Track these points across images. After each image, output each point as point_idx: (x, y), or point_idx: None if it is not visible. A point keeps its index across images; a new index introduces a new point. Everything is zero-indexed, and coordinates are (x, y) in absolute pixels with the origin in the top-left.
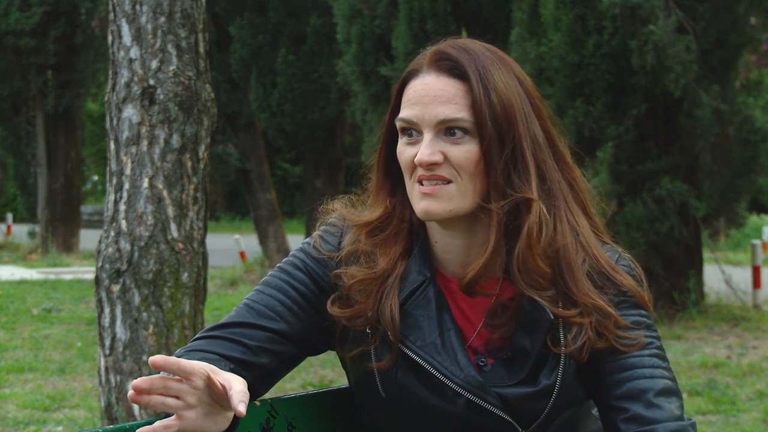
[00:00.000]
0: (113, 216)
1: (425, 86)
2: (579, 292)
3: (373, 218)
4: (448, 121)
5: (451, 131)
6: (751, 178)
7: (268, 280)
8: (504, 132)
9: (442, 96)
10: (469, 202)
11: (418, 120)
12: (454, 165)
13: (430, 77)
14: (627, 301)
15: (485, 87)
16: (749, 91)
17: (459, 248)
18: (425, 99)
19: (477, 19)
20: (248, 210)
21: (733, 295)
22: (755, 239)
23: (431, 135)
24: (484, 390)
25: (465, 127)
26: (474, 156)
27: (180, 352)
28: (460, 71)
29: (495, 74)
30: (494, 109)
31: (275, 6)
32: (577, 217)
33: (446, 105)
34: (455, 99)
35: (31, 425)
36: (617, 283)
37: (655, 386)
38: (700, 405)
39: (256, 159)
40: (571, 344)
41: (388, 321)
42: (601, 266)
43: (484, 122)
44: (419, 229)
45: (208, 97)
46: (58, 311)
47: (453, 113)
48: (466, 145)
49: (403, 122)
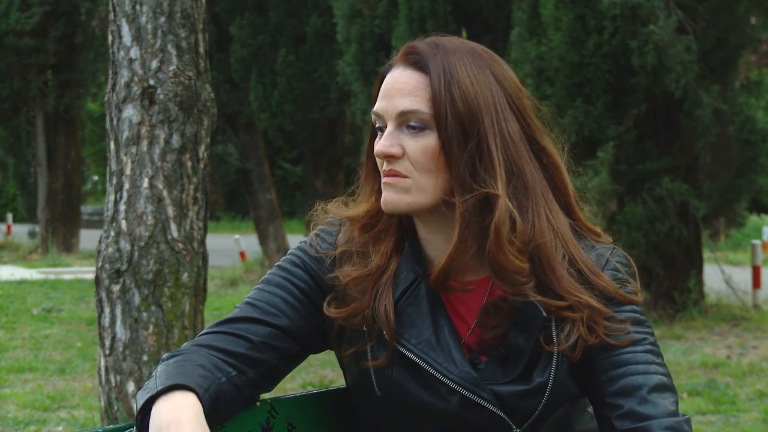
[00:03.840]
0: (113, 216)
1: (392, 79)
2: (562, 288)
3: (361, 213)
4: (407, 112)
5: (410, 125)
6: (751, 178)
7: (268, 278)
8: (467, 126)
9: (403, 88)
10: (430, 196)
11: (383, 112)
12: (411, 160)
13: (397, 71)
14: (611, 300)
15: (447, 81)
16: (749, 91)
17: (440, 244)
18: (390, 92)
19: (477, 19)
20: (248, 210)
21: (733, 295)
22: (755, 239)
23: (393, 127)
24: (478, 386)
25: (423, 119)
26: (431, 150)
27: (186, 346)
28: (422, 64)
29: (461, 68)
30: (455, 103)
31: (275, 6)
32: (555, 214)
33: (406, 97)
34: (415, 91)
35: (31, 425)
36: (594, 285)
37: (649, 382)
38: (700, 405)
39: (256, 159)
40: (563, 342)
41: (383, 320)
42: (578, 265)
43: (443, 115)
44: (408, 225)
45: (208, 97)
46: (58, 311)
47: (411, 105)
48: (425, 138)
49: (373, 115)
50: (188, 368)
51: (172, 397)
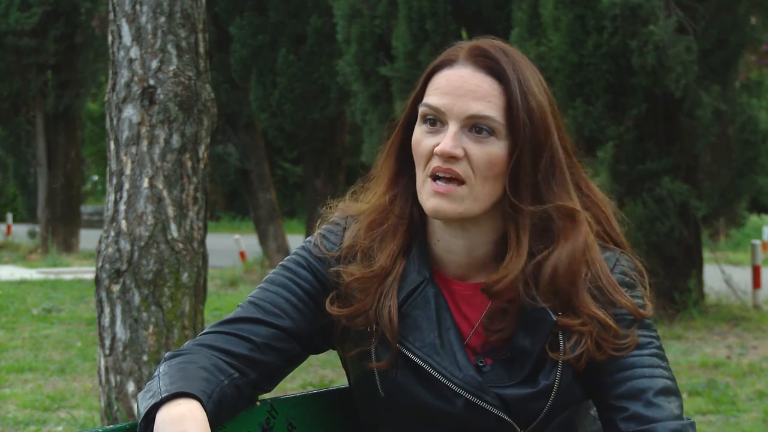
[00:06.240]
0: (113, 216)
1: (460, 78)
2: (581, 304)
3: (369, 211)
4: (479, 117)
5: (477, 129)
6: (751, 178)
7: (271, 277)
8: (541, 138)
9: (476, 91)
10: (480, 205)
11: (446, 110)
12: (472, 164)
13: (466, 70)
14: (625, 320)
15: (523, 91)
16: (750, 91)
17: (461, 248)
18: (458, 90)
19: (477, 19)
20: (248, 210)
21: (733, 295)
22: (755, 239)
23: (457, 128)
24: (483, 390)
25: (493, 127)
26: (495, 158)
27: (188, 345)
28: (498, 71)
29: (531, 80)
30: (532, 113)
31: (275, 6)
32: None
33: (479, 101)
34: (489, 97)
35: (31, 425)
36: (614, 301)
37: (654, 386)
38: (700, 405)
39: (256, 159)
40: (569, 352)
41: (386, 322)
42: (600, 282)
43: (519, 126)
44: (419, 226)
45: (208, 97)
46: (58, 311)
47: (485, 110)
48: (490, 146)
49: (429, 109)
50: (191, 372)
51: (176, 406)
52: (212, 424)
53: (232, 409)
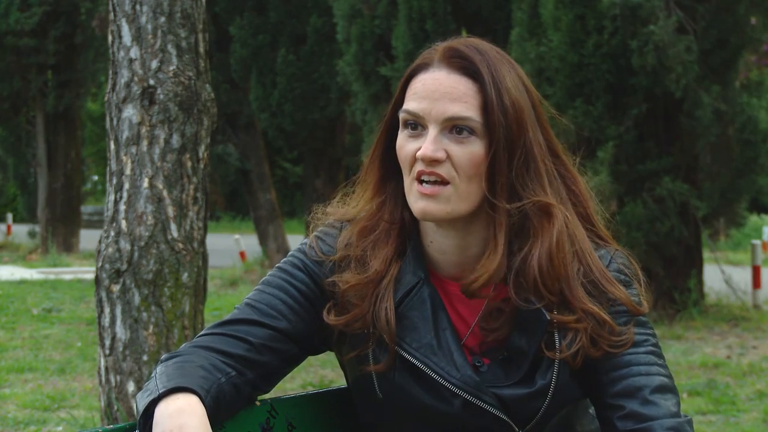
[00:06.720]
0: (113, 216)
1: (435, 81)
2: (575, 299)
3: (359, 217)
4: (457, 118)
5: (457, 129)
6: (751, 178)
7: (268, 279)
8: (515, 136)
9: (452, 93)
10: (468, 204)
11: (425, 114)
12: (454, 165)
13: (441, 72)
14: (620, 313)
15: (497, 89)
16: (750, 91)
17: (454, 248)
18: (434, 94)
19: (477, 19)
20: (248, 210)
21: (733, 295)
22: (755, 239)
23: (436, 131)
24: (480, 390)
25: (472, 127)
26: (477, 157)
27: (185, 347)
28: (472, 70)
29: (507, 77)
30: (506, 111)
31: (275, 6)
32: (575, 227)
33: (456, 103)
34: (465, 97)
35: (31, 425)
36: (609, 295)
37: (651, 383)
38: (700, 405)
39: (256, 159)
40: (565, 350)
41: (383, 324)
42: (593, 276)
43: (495, 124)
44: (411, 229)
45: (208, 97)
46: (58, 311)
47: (462, 111)
48: (471, 145)
49: (408, 114)
50: (188, 369)
51: (174, 400)
52: (211, 420)
53: (231, 407)
